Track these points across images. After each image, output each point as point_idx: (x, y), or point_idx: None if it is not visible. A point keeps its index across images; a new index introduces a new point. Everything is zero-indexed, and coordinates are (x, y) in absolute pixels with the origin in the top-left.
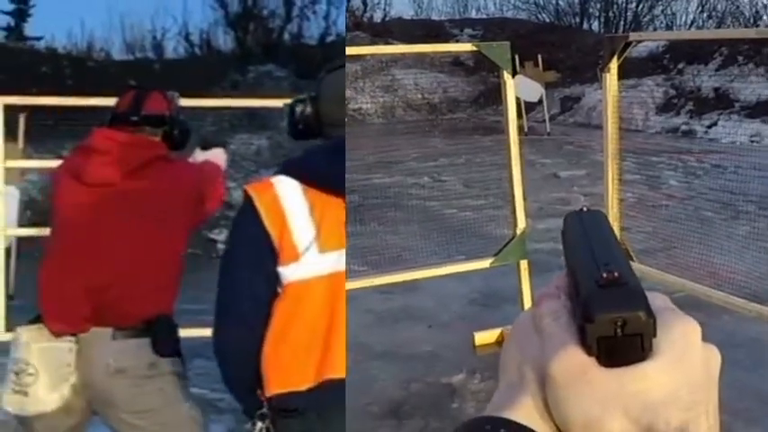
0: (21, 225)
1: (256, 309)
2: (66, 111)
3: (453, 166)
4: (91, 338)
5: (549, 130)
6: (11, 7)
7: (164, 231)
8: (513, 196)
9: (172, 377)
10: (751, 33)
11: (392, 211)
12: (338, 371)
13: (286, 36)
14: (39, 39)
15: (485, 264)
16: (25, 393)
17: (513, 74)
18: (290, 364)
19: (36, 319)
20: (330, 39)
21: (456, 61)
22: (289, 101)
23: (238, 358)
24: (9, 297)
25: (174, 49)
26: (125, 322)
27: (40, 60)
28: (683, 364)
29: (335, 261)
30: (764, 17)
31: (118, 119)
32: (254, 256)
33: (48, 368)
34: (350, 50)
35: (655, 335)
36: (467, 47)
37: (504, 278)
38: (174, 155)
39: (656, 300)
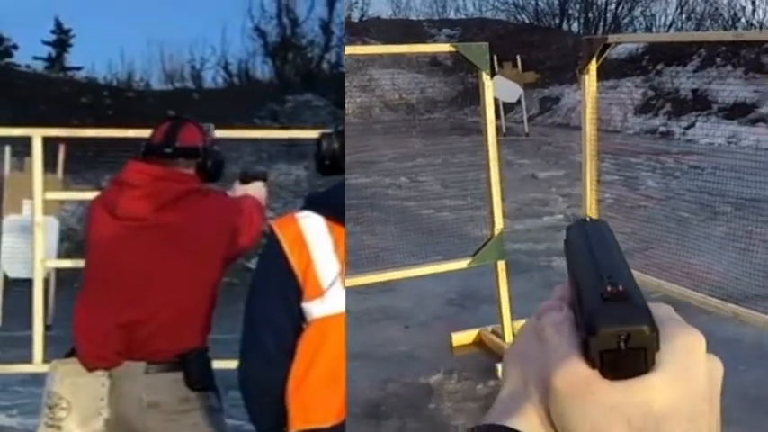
0: (59, 255)
1: (281, 345)
2: (105, 142)
3: (431, 166)
4: (124, 373)
5: (527, 130)
6: (52, 38)
7: (197, 265)
8: (490, 197)
9: (206, 411)
10: (729, 36)
11: (369, 212)
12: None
13: (324, 65)
14: (79, 69)
15: (462, 264)
16: (59, 428)
17: (492, 74)
18: (313, 401)
19: (72, 353)
20: None
21: (434, 61)
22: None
23: (263, 394)
24: (47, 327)
25: (212, 78)
26: (158, 356)
27: (80, 91)
28: (687, 375)
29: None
30: (743, 19)
31: (152, 151)
32: (278, 291)
33: (80, 402)
34: None
35: (658, 348)
36: (445, 47)
37: (481, 279)
38: (212, 187)
39: (660, 311)
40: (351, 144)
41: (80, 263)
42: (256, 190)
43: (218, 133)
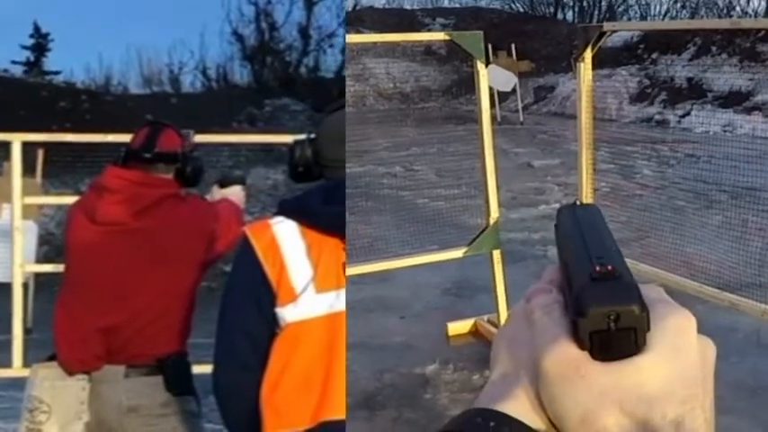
0: (38, 259)
1: (254, 350)
2: (83, 146)
3: (426, 155)
4: (103, 376)
5: (522, 119)
6: (30, 42)
7: (176, 270)
8: (486, 186)
9: (185, 416)
10: (725, 24)
11: (364, 201)
12: (339, 412)
13: (303, 69)
14: (57, 73)
15: (458, 253)
16: (39, 431)
17: (487, 63)
18: (287, 406)
19: (52, 357)
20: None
21: (428, 50)
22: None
23: (237, 399)
24: (26, 331)
25: (191, 83)
26: (137, 361)
27: (59, 95)
28: (678, 356)
29: (333, 301)
30: (738, 8)
31: (131, 156)
32: (252, 297)
33: (60, 406)
34: None
35: (648, 328)
36: (440, 36)
37: (477, 268)
38: (190, 192)
39: (651, 292)
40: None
41: (59, 267)
42: (235, 194)
43: (196, 137)
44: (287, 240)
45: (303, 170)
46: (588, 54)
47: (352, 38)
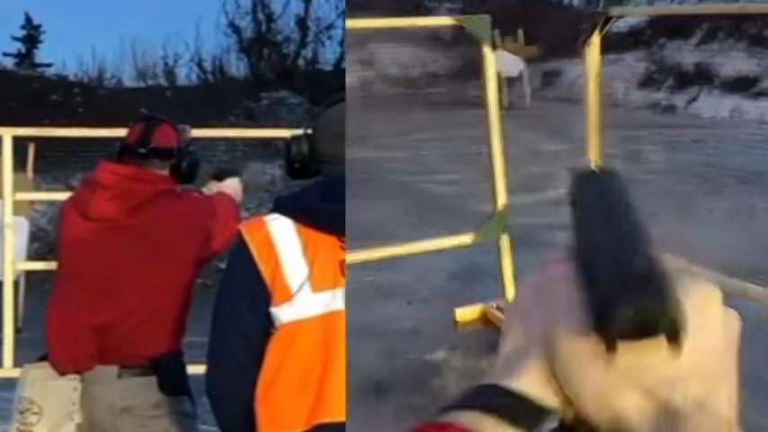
0: (29, 257)
1: (249, 350)
2: (76, 140)
3: (432, 140)
4: (96, 377)
5: (529, 104)
6: (21, 33)
7: (170, 267)
8: (493, 171)
9: (179, 417)
10: (733, 8)
11: (369, 186)
12: (336, 414)
13: (301, 62)
14: (49, 65)
15: (466, 239)
16: None
17: (494, 48)
18: (282, 407)
19: (44, 357)
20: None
21: (435, 35)
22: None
23: (231, 400)
24: (17, 331)
25: (186, 75)
26: (131, 360)
27: (51, 88)
28: (701, 334)
29: (330, 301)
30: None
31: (126, 151)
32: (246, 296)
33: (52, 407)
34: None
35: (679, 328)
36: (447, 20)
37: (484, 254)
38: (186, 188)
39: (675, 264)
40: (351, 118)
41: (51, 264)
42: (232, 186)
43: (192, 132)
44: (282, 238)
45: (300, 166)
46: (595, 39)
47: (357, 23)
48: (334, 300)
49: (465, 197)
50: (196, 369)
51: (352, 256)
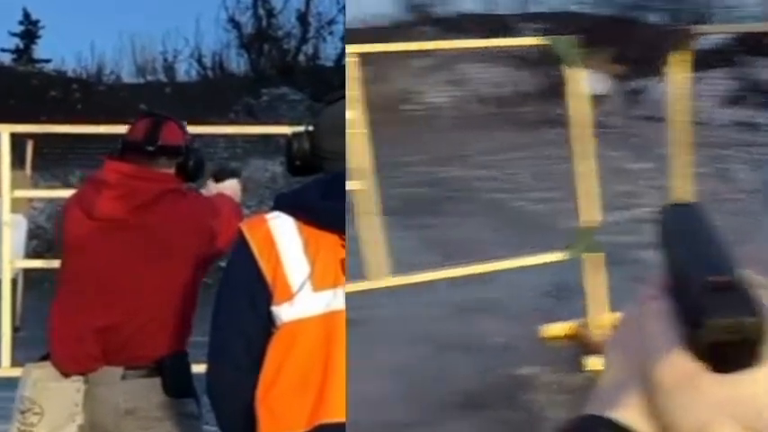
0: (27, 255)
1: (249, 349)
2: (75, 137)
3: (521, 159)
4: (100, 378)
5: (615, 122)
6: (19, 29)
7: (175, 267)
8: (581, 189)
9: (183, 418)
10: None
11: (462, 204)
12: (337, 414)
13: (301, 58)
14: (47, 61)
15: (557, 256)
16: None
17: (580, 67)
18: (282, 407)
19: (45, 357)
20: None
21: (523, 55)
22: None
23: (232, 400)
24: (15, 329)
25: (185, 71)
26: (136, 361)
27: (49, 84)
28: None
29: (331, 300)
30: None
31: (131, 148)
32: (246, 295)
33: (54, 408)
34: (417, 46)
35: (765, 341)
36: (534, 41)
37: (574, 271)
38: (190, 187)
39: (760, 282)
40: (443, 138)
41: (50, 262)
42: (231, 187)
43: (191, 129)
44: (283, 236)
45: (301, 163)
46: (679, 57)
47: (448, 44)
48: (335, 299)
49: (554, 215)
50: (199, 368)
51: (448, 273)
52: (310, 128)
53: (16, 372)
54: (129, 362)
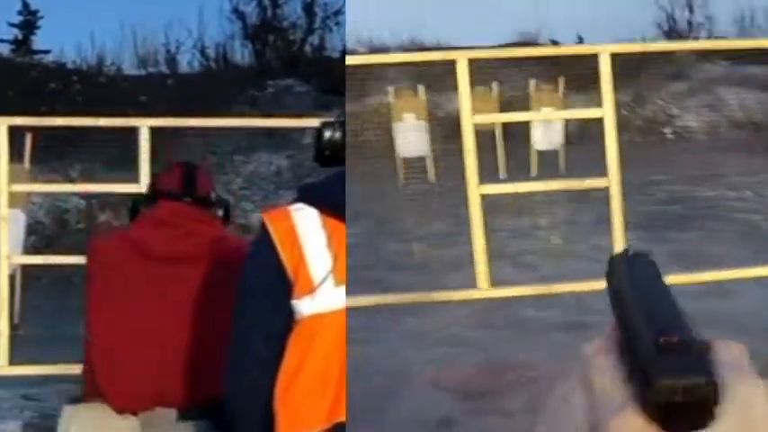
0: (25, 250)
1: (269, 345)
2: (75, 130)
3: None
4: (154, 419)
5: None
6: (18, 19)
7: (229, 307)
8: None
9: None
10: None
11: (713, 222)
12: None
13: (307, 49)
14: (47, 52)
15: None
16: None
17: None
18: (302, 404)
19: (77, 399)
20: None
21: None
22: (312, 121)
23: (252, 397)
24: (13, 327)
25: (188, 63)
26: (191, 403)
27: (48, 76)
28: (745, 428)
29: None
30: None
31: (167, 197)
32: (268, 289)
33: None
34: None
35: (717, 402)
36: None
37: None
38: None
39: (723, 355)
40: (698, 159)
41: (48, 258)
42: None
43: (194, 121)
44: (306, 229)
45: (330, 154)
46: None
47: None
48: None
49: None
50: None
51: (684, 278)
52: (342, 118)
53: (14, 370)
54: (183, 403)
